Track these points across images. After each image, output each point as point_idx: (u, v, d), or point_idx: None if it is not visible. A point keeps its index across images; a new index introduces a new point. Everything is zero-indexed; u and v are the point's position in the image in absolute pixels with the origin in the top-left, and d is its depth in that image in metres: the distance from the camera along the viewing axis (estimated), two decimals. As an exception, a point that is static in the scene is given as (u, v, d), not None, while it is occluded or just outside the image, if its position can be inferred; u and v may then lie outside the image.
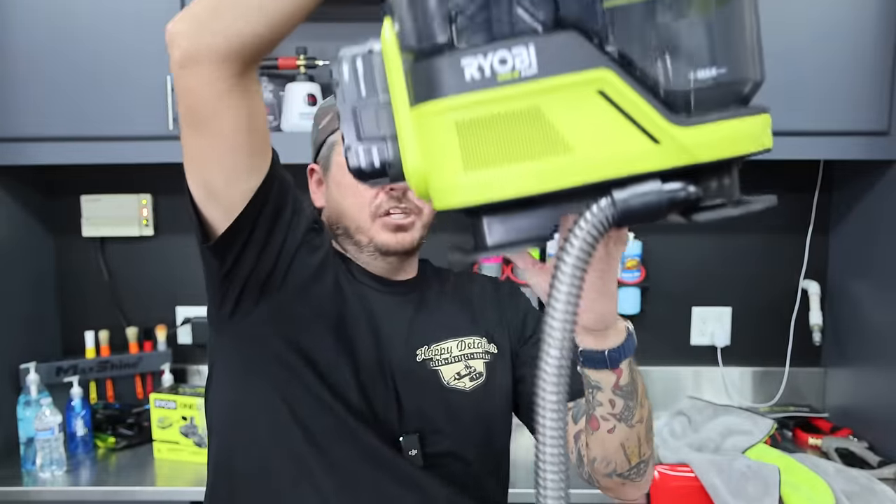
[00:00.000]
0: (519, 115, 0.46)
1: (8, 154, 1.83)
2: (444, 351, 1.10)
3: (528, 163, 0.46)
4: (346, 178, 1.05)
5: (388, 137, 0.53)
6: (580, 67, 0.46)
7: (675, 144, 0.46)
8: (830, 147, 1.81)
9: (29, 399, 1.87)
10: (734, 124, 0.48)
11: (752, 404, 2.19)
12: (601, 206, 0.46)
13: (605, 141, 0.46)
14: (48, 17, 1.79)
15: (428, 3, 0.47)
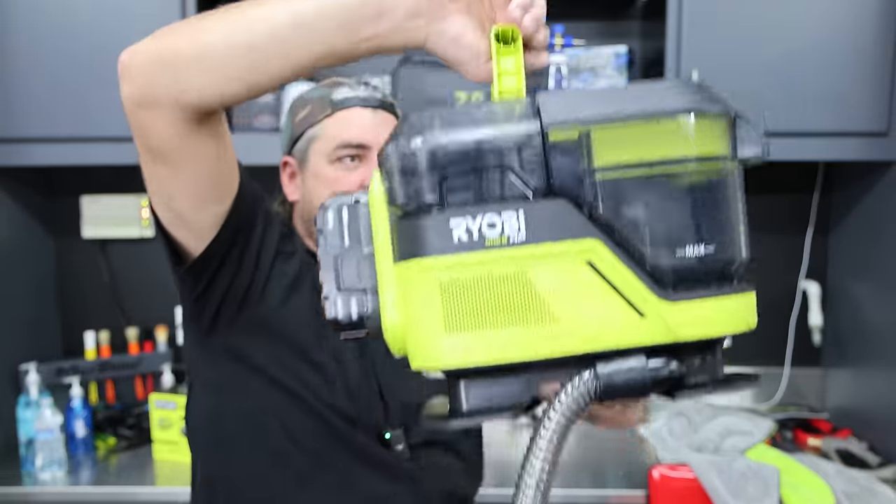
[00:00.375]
0: (505, 279, 0.45)
1: (8, 155, 1.84)
2: None
3: (511, 329, 0.45)
4: (328, 172, 1.05)
5: (369, 290, 0.51)
6: (569, 236, 0.45)
7: (660, 320, 0.46)
8: (830, 147, 1.81)
9: (29, 400, 1.87)
10: (718, 303, 0.47)
11: (752, 404, 2.19)
12: (584, 380, 0.46)
13: (590, 312, 0.45)
14: (48, 18, 1.79)
15: (419, 163, 0.46)
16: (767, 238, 2.18)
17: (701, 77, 1.75)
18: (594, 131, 0.46)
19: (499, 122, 0.46)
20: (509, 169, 0.46)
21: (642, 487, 1.71)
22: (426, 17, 0.60)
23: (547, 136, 0.46)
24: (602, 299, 0.46)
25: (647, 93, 0.48)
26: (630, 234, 0.46)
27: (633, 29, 2.08)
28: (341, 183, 1.04)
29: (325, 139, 1.05)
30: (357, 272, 0.52)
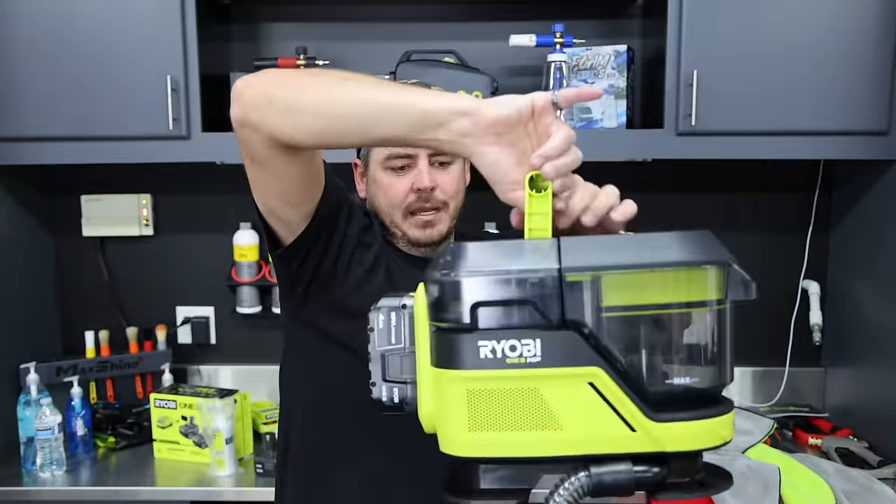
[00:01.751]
0: (520, 392, 0.55)
1: (8, 154, 1.84)
2: None
3: (523, 433, 0.55)
4: (381, 177, 1.17)
5: (409, 382, 0.62)
6: (576, 364, 0.55)
7: (647, 435, 0.55)
8: (830, 147, 1.81)
9: (29, 399, 1.87)
10: (700, 425, 0.56)
11: (752, 404, 2.19)
12: (579, 478, 0.55)
13: (589, 423, 0.55)
14: (49, 19, 1.79)
15: (457, 292, 0.56)
16: (767, 238, 2.18)
17: (700, 77, 1.75)
18: (604, 277, 0.55)
19: (527, 261, 0.57)
20: (531, 302, 0.55)
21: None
22: (474, 138, 0.72)
23: (564, 278, 0.55)
24: (599, 414, 0.55)
25: (655, 243, 0.58)
26: (627, 364, 0.55)
27: (633, 28, 2.08)
28: (394, 187, 1.16)
29: (379, 149, 1.17)
30: (400, 367, 0.63)
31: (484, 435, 0.55)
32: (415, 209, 1.17)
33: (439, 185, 1.17)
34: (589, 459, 0.55)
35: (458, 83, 1.84)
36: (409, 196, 1.16)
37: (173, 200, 2.20)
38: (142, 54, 1.78)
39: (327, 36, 2.09)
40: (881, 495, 1.60)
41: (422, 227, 1.18)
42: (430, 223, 1.18)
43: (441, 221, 1.18)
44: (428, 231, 1.18)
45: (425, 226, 1.18)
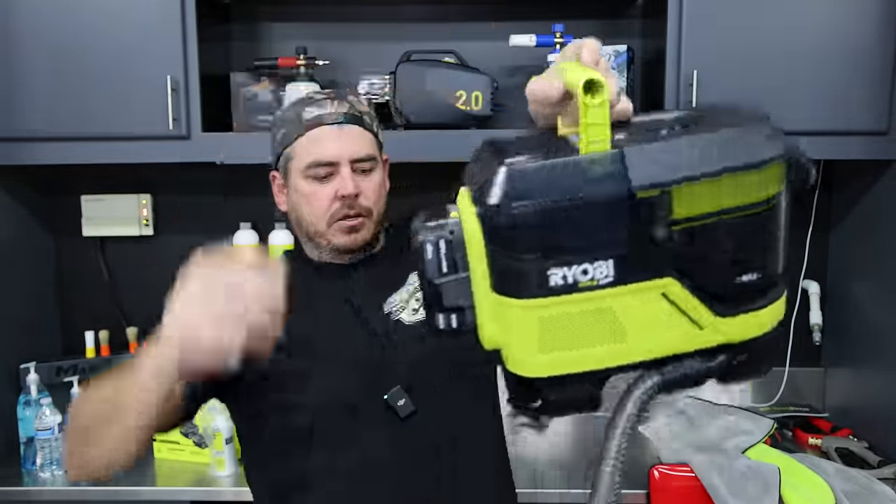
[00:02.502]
0: (592, 313, 0.54)
1: (8, 154, 1.83)
2: (399, 301, 1.19)
3: (594, 348, 0.54)
4: (304, 186, 1.17)
5: (466, 308, 0.59)
6: (649, 278, 0.54)
7: (715, 330, 0.55)
8: (830, 147, 1.81)
9: (29, 399, 1.87)
10: (763, 313, 0.57)
11: (752, 404, 2.19)
12: (650, 383, 0.56)
13: (660, 330, 0.55)
14: (49, 19, 1.79)
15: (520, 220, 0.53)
16: (767, 237, 2.18)
17: (701, 77, 1.75)
18: (675, 190, 0.53)
19: (591, 179, 0.53)
20: (600, 223, 0.53)
21: (642, 487, 1.71)
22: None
23: (635, 195, 0.52)
24: (671, 320, 0.55)
25: (725, 142, 0.55)
26: (699, 270, 0.54)
27: (633, 28, 2.08)
28: (317, 196, 1.16)
29: (299, 158, 1.17)
30: (455, 294, 0.59)
31: (553, 355, 0.55)
32: (339, 217, 1.17)
33: (362, 191, 1.16)
34: (658, 362, 0.56)
35: (458, 83, 1.84)
36: (333, 204, 1.16)
37: (173, 200, 2.20)
38: (142, 54, 1.78)
39: (327, 36, 2.09)
40: (881, 495, 1.60)
41: (346, 233, 1.17)
42: (355, 228, 1.18)
43: (365, 227, 1.19)
44: (353, 236, 1.18)
45: (350, 231, 1.17)
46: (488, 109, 1.85)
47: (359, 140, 1.17)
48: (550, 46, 1.87)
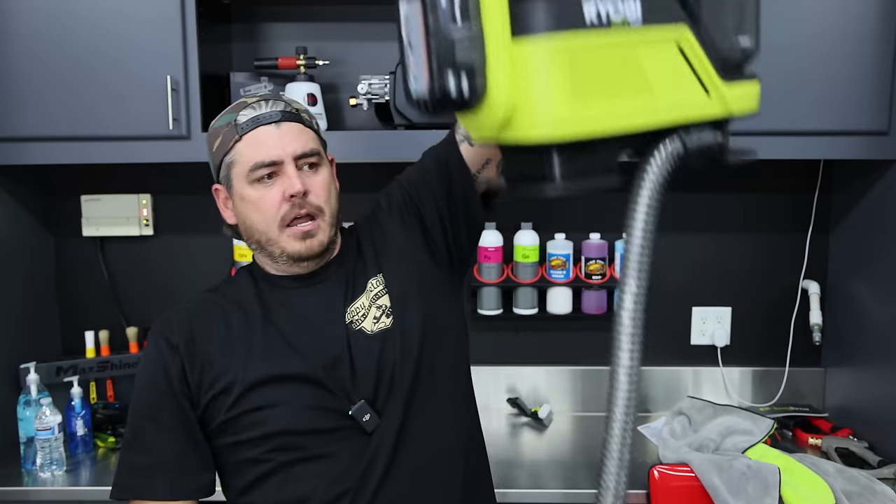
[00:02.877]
0: (620, 60, 0.55)
1: (8, 154, 1.83)
2: (360, 308, 1.15)
3: (620, 100, 0.55)
4: (249, 193, 1.11)
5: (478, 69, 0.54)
6: (670, 21, 0.57)
7: (719, 97, 0.59)
8: (830, 147, 1.81)
9: (29, 399, 1.87)
10: (749, 87, 0.61)
11: (752, 404, 2.19)
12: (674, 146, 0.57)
13: (674, 87, 0.57)
14: (49, 19, 1.79)
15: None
16: (767, 237, 2.18)
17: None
18: None
19: None
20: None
21: (642, 487, 1.71)
22: None
23: None
24: (683, 77, 0.57)
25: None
26: (707, 22, 0.58)
27: (633, 28, 2.08)
28: (265, 200, 1.10)
29: (240, 164, 1.11)
30: (468, 50, 0.54)
31: (580, 110, 0.53)
32: (290, 219, 1.11)
33: (311, 188, 1.11)
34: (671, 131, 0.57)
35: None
36: (282, 206, 1.10)
37: (173, 200, 2.20)
38: (142, 54, 1.78)
39: (327, 36, 2.09)
40: (881, 495, 1.60)
41: (301, 239, 1.11)
42: (309, 233, 1.12)
43: (320, 230, 1.12)
44: (308, 242, 1.12)
45: (304, 237, 1.11)
46: (488, 109, 1.85)
47: (300, 136, 1.11)
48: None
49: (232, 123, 1.12)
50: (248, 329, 1.14)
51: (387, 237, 1.21)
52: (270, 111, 1.11)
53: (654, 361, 2.21)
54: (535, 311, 2.15)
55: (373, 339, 1.12)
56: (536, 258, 2.11)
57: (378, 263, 1.18)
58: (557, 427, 2.12)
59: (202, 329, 1.14)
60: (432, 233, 1.20)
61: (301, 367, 1.10)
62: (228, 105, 1.96)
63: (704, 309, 2.21)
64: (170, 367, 1.12)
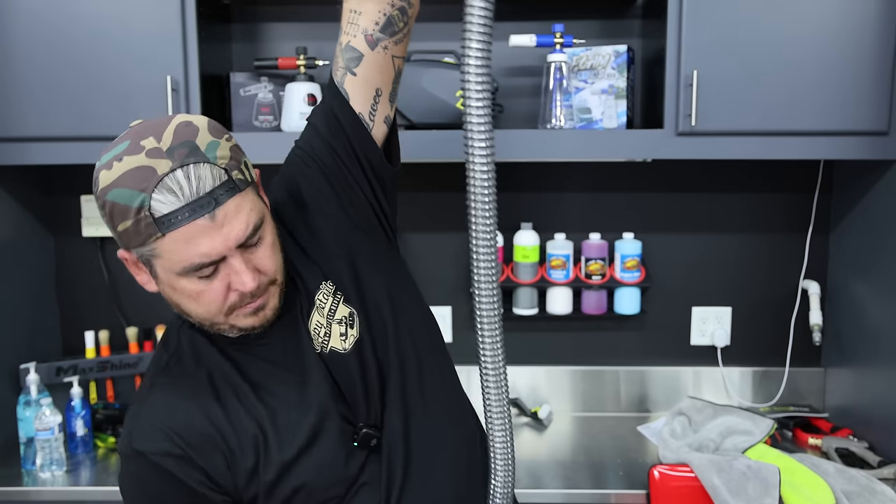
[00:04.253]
0: None
1: (8, 154, 1.84)
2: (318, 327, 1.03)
3: None
4: (184, 285, 0.92)
5: None
6: None
7: None
8: (830, 147, 1.81)
9: (29, 399, 1.87)
10: None
11: (752, 404, 2.19)
12: None
13: None
14: (49, 19, 1.79)
15: None
16: (767, 237, 2.18)
17: (700, 77, 1.75)
18: None
19: None
20: None
21: (642, 487, 1.71)
22: None
23: None
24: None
25: None
26: None
27: (633, 28, 2.08)
28: (206, 294, 0.92)
29: (167, 260, 0.89)
30: None
31: None
32: (240, 306, 0.95)
33: (260, 268, 0.94)
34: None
35: (458, 83, 1.84)
36: (229, 296, 0.93)
37: (173, 200, 2.19)
38: (142, 54, 1.78)
39: (327, 36, 2.09)
40: (881, 495, 1.60)
41: (252, 315, 0.96)
42: (261, 307, 0.96)
43: (271, 296, 0.97)
44: (261, 314, 0.97)
45: (256, 311, 0.96)
46: (488, 109, 1.85)
47: (240, 216, 0.89)
48: (550, 46, 1.87)
49: (145, 212, 0.85)
50: (242, 404, 1.00)
51: (313, 232, 1.07)
52: (198, 198, 0.86)
53: (653, 361, 2.22)
54: (535, 312, 2.15)
55: (349, 358, 1.03)
56: (536, 258, 2.11)
57: (318, 268, 1.05)
58: (557, 427, 2.12)
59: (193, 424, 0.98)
60: (355, 203, 1.07)
61: (310, 427, 1.00)
62: (229, 106, 1.99)
63: (704, 309, 2.21)
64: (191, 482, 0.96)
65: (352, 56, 1.01)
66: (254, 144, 1.83)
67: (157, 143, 0.88)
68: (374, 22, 0.99)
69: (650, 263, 2.18)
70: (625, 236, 2.11)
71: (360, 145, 1.05)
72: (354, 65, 1.02)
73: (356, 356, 1.03)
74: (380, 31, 1.00)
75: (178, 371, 1.02)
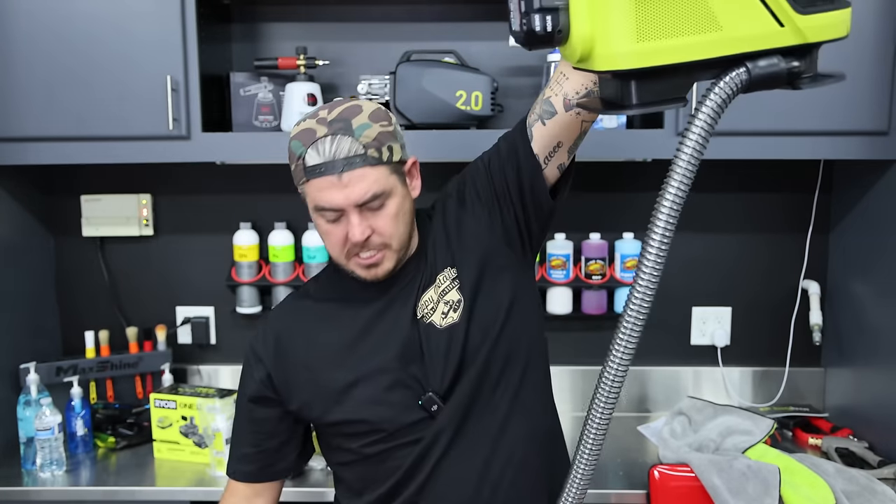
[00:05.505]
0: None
1: (8, 154, 1.84)
2: (429, 301, 1.21)
3: (687, 37, 0.60)
4: (319, 222, 1.18)
5: (561, 9, 0.64)
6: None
7: (793, 28, 0.62)
8: (830, 147, 1.81)
9: (29, 399, 1.87)
10: (835, 15, 0.64)
11: (752, 404, 2.19)
12: (739, 72, 0.62)
13: (744, 21, 0.61)
14: (49, 18, 1.79)
15: None
16: (767, 237, 2.18)
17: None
18: None
19: None
20: None
21: (642, 487, 1.71)
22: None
23: None
24: (754, 12, 0.61)
25: None
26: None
27: (633, 28, 2.08)
28: (331, 235, 1.17)
29: (310, 198, 1.17)
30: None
31: (649, 44, 0.60)
32: (355, 254, 1.17)
33: (375, 229, 1.15)
34: (743, 57, 0.61)
35: (458, 83, 1.84)
36: (346, 244, 1.16)
37: (173, 200, 2.20)
38: (142, 54, 1.78)
39: (327, 36, 2.09)
40: (881, 495, 1.60)
41: (366, 269, 1.19)
42: (374, 265, 1.18)
43: (386, 259, 1.18)
44: (372, 271, 1.19)
45: (369, 267, 1.18)
46: (488, 109, 1.85)
47: (362, 183, 1.12)
48: (550, 46, 1.86)
49: (302, 160, 1.14)
50: (329, 337, 1.24)
51: (460, 226, 1.25)
52: (333, 159, 1.11)
53: (654, 361, 2.22)
54: (535, 311, 2.14)
55: (441, 334, 1.19)
56: (536, 258, 2.10)
57: (451, 255, 1.23)
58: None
59: (286, 341, 1.26)
60: (504, 218, 1.24)
61: (378, 366, 1.20)
62: (229, 106, 1.99)
63: (704, 309, 2.21)
64: (256, 378, 1.26)
65: (548, 110, 1.14)
66: (254, 144, 1.84)
67: (327, 114, 1.15)
68: (575, 91, 1.10)
69: (650, 263, 2.17)
70: (625, 236, 2.11)
71: (528, 177, 1.20)
72: (547, 117, 1.15)
73: (447, 335, 1.19)
74: (577, 102, 1.12)
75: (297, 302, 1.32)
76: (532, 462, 1.24)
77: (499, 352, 1.21)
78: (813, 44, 0.64)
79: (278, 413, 1.26)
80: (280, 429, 1.28)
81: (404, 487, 1.21)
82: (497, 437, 1.21)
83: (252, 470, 1.29)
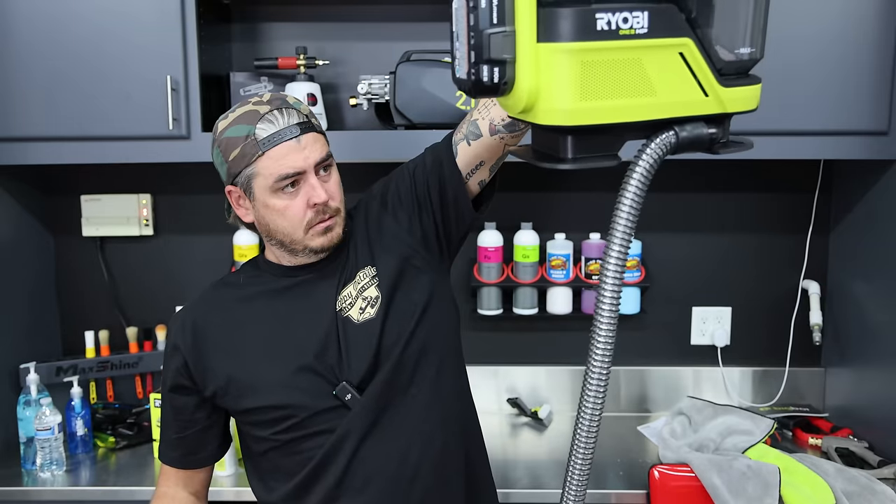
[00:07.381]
0: (626, 62, 0.63)
1: (8, 154, 1.83)
2: (347, 297, 1.26)
3: (625, 99, 0.64)
4: (275, 202, 1.21)
5: (509, 61, 0.66)
6: (673, 34, 0.64)
7: (716, 98, 0.67)
8: (830, 147, 1.81)
9: (29, 399, 1.87)
10: (750, 89, 0.69)
11: (752, 404, 2.19)
12: (668, 135, 0.66)
13: (675, 89, 0.66)
14: (48, 19, 1.79)
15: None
16: (767, 237, 2.18)
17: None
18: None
19: None
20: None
21: (642, 487, 1.71)
22: None
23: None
24: (683, 81, 0.65)
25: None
26: (709, 37, 0.65)
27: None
28: (290, 209, 1.21)
29: (263, 176, 1.20)
30: (501, 47, 0.66)
31: (590, 103, 0.63)
32: (315, 223, 1.22)
33: (330, 193, 1.22)
34: (671, 122, 0.66)
35: (458, 83, 1.84)
36: (307, 213, 1.21)
37: (173, 200, 2.20)
38: (142, 54, 1.78)
39: (327, 36, 2.09)
40: (881, 495, 1.60)
41: (323, 234, 1.23)
42: (330, 228, 1.23)
43: (337, 224, 1.25)
44: (329, 236, 1.24)
45: (326, 231, 1.23)
46: (488, 109, 1.85)
47: (316, 145, 1.21)
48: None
49: (252, 137, 1.18)
50: (246, 326, 1.28)
51: (381, 227, 1.31)
52: (288, 125, 1.19)
53: (653, 361, 2.22)
54: (535, 311, 2.15)
55: (358, 329, 1.24)
56: (536, 258, 2.11)
57: (371, 254, 1.29)
58: (557, 427, 2.12)
59: (203, 329, 1.29)
60: (424, 222, 1.29)
61: (296, 358, 1.24)
62: (228, 106, 1.99)
63: (704, 309, 2.21)
64: (172, 367, 1.30)
65: (474, 131, 1.22)
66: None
67: (260, 99, 1.23)
68: (501, 119, 1.17)
69: (650, 263, 2.18)
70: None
71: (452, 189, 1.27)
72: (473, 138, 1.22)
73: (364, 330, 1.24)
74: (502, 127, 1.17)
75: (217, 292, 1.34)
76: (452, 446, 1.28)
77: (413, 347, 1.25)
78: (730, 113, 0.69)
79: (195, 401, 1.30)
80: (198, 417, 1.31)
81: (320, 478, 1.23)
82: (415, 427, 1.24)
83: (177, 456, 1.34)
